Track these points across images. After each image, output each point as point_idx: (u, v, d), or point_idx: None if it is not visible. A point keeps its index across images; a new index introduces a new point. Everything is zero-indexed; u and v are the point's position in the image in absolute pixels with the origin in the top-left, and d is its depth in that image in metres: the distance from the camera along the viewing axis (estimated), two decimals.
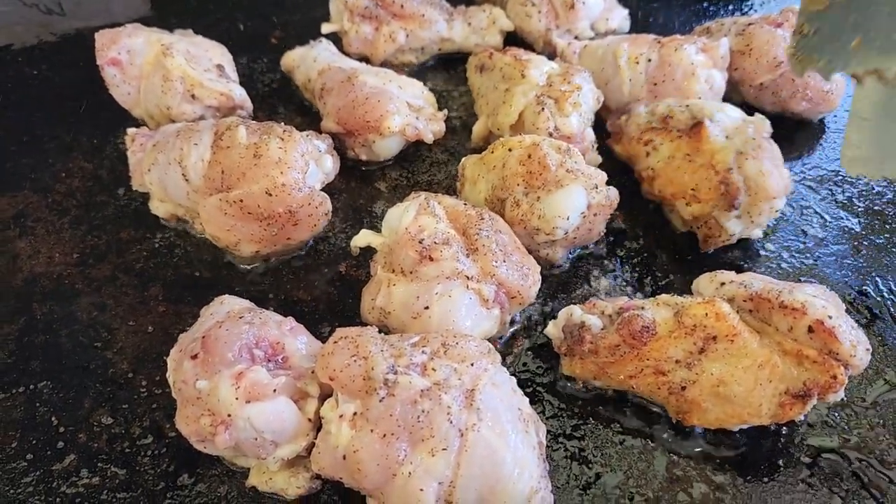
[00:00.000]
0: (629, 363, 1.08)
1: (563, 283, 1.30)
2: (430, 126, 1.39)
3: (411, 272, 1.12)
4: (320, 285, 1.29)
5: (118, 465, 1.09)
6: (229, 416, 0.97)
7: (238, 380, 0.98)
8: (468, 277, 1.11)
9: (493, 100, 1.41)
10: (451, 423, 0.92)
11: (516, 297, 1.16)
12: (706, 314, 1.04)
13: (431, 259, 1.11)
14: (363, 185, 1.44)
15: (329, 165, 1.32)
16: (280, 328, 1.08)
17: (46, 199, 1.41)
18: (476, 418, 0.93)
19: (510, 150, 1.25)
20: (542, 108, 1.31)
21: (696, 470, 1.08)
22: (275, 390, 1.00)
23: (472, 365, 0.98)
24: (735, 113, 1.30)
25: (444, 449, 0.91)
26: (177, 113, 1.41)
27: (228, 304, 1.14)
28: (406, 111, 1.38)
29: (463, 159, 1.34)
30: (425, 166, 1.47)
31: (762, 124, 1.26)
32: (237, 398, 0.97)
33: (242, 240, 1.26)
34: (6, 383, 1.17)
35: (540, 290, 1.21)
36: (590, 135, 1.35)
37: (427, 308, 1.10)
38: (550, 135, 1.29)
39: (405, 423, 0.92)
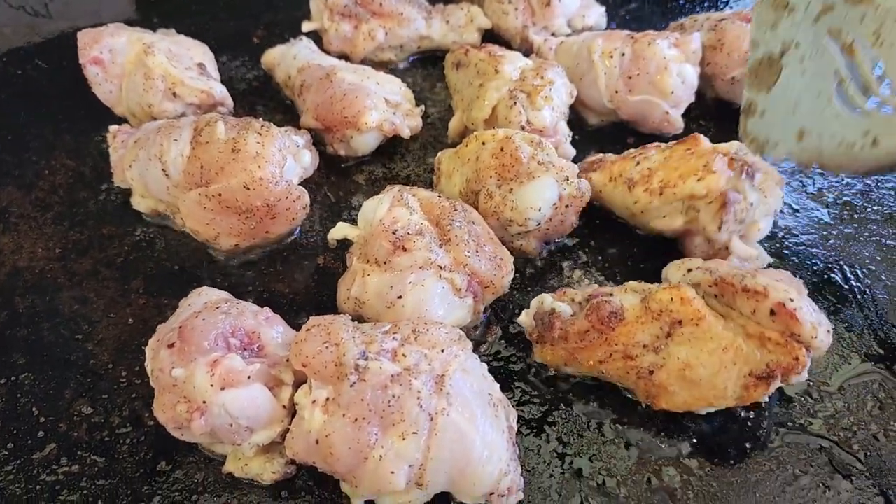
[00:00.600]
0: (598, 348, 1.10)
1: (537, 273, 1.32)
2: (408, 121, 1.42)
3: (385, 262, 1.14)
4: (299, 277, 1.32)
5: (97, 453, 1.11)
6: (204, 402, 0.99)
7: (213, 367, 1.00)
8: (441, 267, 1.14)
9: (467, 95, 1.44)
10: (421, 407, 0.94)
11: (489, 287, 1.18)
12: (672, 299, 1.06)
13: (405, 249, 1.13)
14: (342, 180, 1.46)
15: (307, 160, 1.34)
16: (256, 318, 1.10)
17: (30, 195, 1.43)
18: (446, 403, 0.95)
19: (483, 143, 1.27)
20: (515, 103, 1.33)
21: (665, 454, 1.10)
22: (249, 377, 1.02)
23: (442, 351, 1.00)
24: None
25: (414, 433, 0.93)
26: (158, 111, 1.43)
27: (206, 295, 1.16)
28: (384, 107, 1.40)
29: (439, 153, 1.36)
30: (403, 161, 1.50)
31: None
32: (212, 385, 0.99)
33: (222, 233, 1.29)
34: None
35: (515, 280, 1.23)
36: (563, 128, 1.37)
37: (400, 297, 1.13)
38: (523, 128, 1.31)
39: (376, 408, 0.94)
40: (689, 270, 1.13)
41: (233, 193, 1.24)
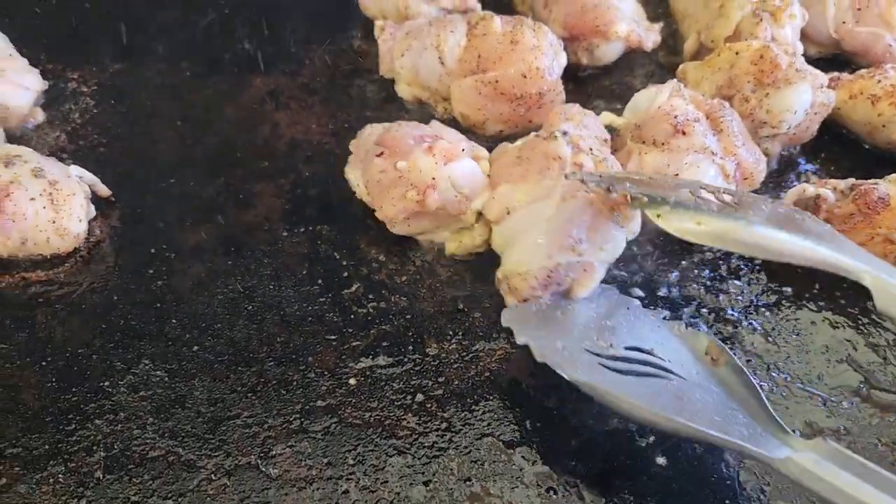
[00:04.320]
0: (861, 231, 1.21)
1: (774, 174, 1.43)
2: (650, 36, 1.54)
3: (664, 143, 1.26)
4: None
5: (400, 294, 1.23)
6: (433, 179, 1.17)
7: (431, 150, 1.19)
8: (713, 153, 1.25)
9: (704, 17, 1.56)
10: None
11: (748, 179, 1.30)
12: None
13: (684, 133, 1.25)
14: (580, 87, 1.58)
15: (563, 60, 1.46)
16: (431, 126, 1.29)
17: (295, 81, 1.56)
18: None
19: (737, 53, 1.39)
20: (761, 20, 1.45)
21: None
22: (463, 149, 1.21)
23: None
24: None
25: None
26: (414, 12, 1.56)
27: (375, 126, 1.33)
28: (630, 19, 1.52)
29: (681, 65, 1.48)
30: (633, 74, 1.61)
31: None
32: (436, 163, 1.18)
33: (490, 119, 1.41)
34: (289, 224, 1.32)
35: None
36: (799, 47, 1.49)
37: (677, 175, 1.24)
38: None
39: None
40: None
41: (510, 81, 1.36)
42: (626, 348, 1.05)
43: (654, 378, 1.01)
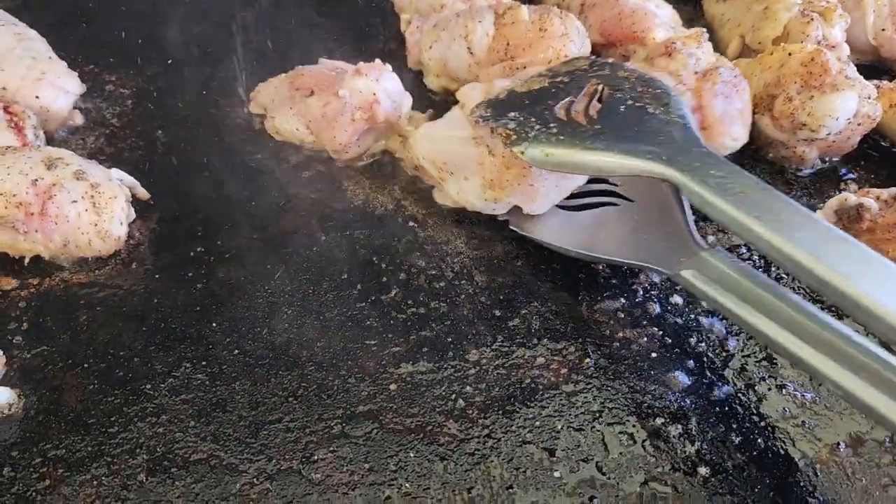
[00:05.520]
0: None
1: (812, 181, 1.42)
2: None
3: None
4: None
5: (438, 299, 1.23)
6: (374, 94, 1.32)
7: (360, 70, 1.33)
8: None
9: (747, 20, 1.56)
10: None
11: (707, 129, 1.33)
12: None
13: (670, 55, 1.36)
14: None
15: (588, 48, 1.47)
16: (324, 63, 1.44)
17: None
18: None
19: (790, 53, 1.39)
20: (812, 19, 1.44)
21: None
22: (385, 63, 1.36)
23: None
24: None
25: None
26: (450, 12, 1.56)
27: (266, 84, 1.47)
28: (667, 25, 1.52)
29: (734, 61, 1.48)
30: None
31: None
32: (371, 81, 1.31)
33: None
34: (327, 227, 1.33)
35: (790, 186, 1.36)
36: (846, 49, 1.48)
37: None
38: (818, 43, 1.42)
39: None
40: None
41: (537, 68, 1.36)
42: (589, 181, 1.28)
43: (603, 206, 1.26)
